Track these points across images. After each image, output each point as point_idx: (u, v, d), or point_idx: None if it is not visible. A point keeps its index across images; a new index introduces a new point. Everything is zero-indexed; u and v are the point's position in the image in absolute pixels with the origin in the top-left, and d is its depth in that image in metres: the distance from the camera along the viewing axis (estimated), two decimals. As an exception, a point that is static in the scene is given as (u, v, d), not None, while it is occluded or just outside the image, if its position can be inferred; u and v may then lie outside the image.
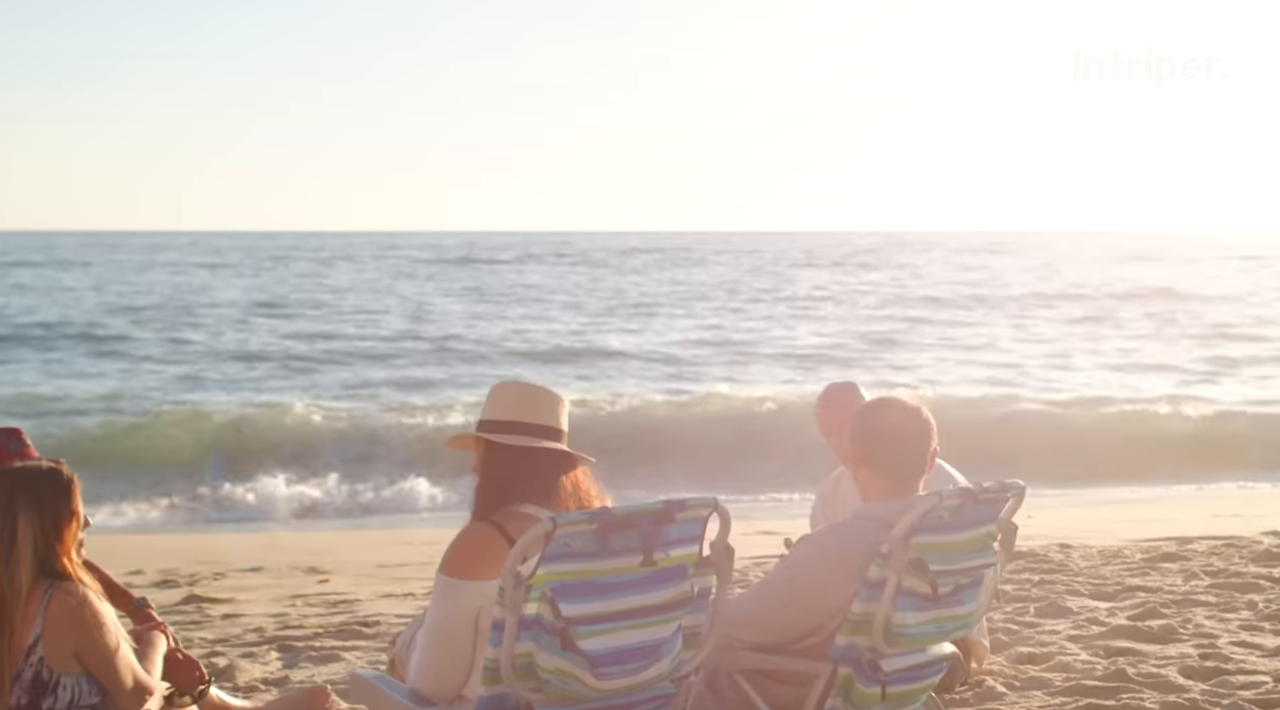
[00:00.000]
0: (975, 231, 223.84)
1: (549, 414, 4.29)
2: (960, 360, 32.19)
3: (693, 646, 4.19)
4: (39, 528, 4.37)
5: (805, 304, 49.48)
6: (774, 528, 11.96)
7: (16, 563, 4.32)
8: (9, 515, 4.35)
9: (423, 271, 70.49)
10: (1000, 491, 4.68)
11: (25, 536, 4.34)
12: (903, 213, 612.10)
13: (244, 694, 6.22)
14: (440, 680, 4.18)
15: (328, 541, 13.26)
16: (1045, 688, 5.93)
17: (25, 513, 4.36)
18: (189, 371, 29.03)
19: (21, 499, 4.37)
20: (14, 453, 4.95)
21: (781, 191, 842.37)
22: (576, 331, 38.81)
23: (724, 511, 4.11)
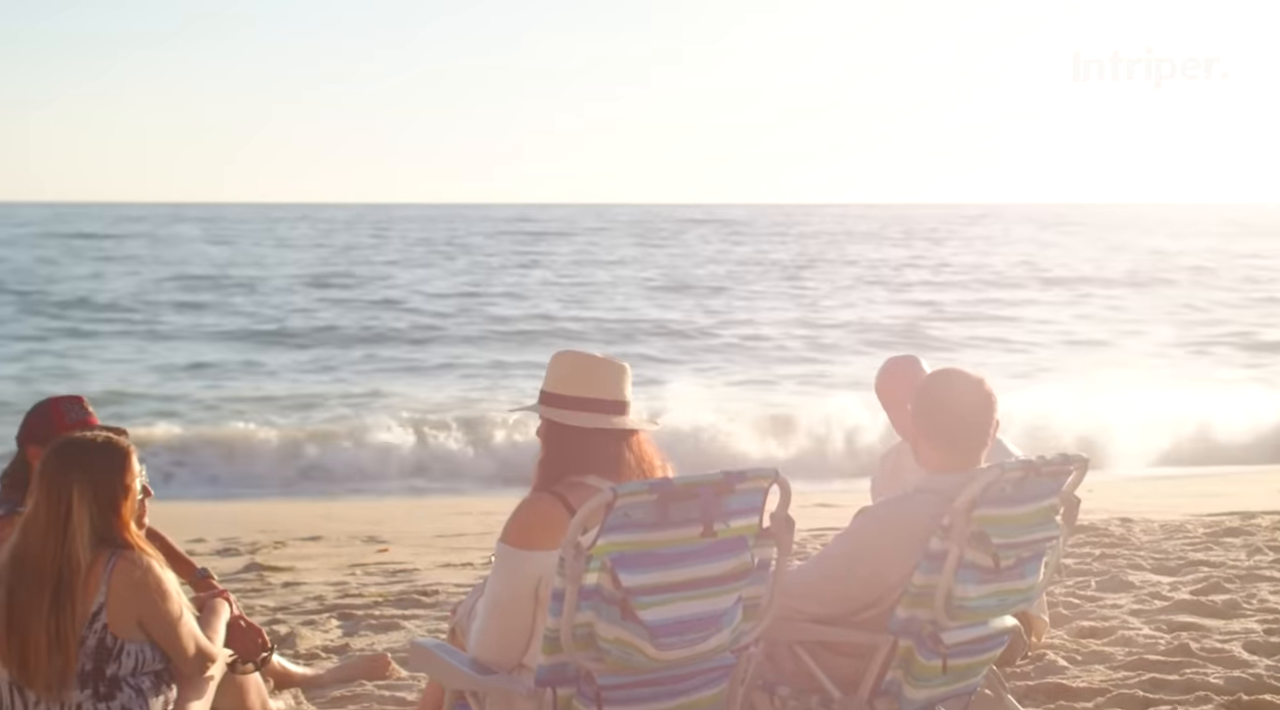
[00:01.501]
0: (1005, 204, 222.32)
1: (612, 387, 4.26)
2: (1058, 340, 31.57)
3: (753, 618, 4.18)
4: (94, 502, 4.40)
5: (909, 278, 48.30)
6: (833, 501, 11.94)
7: (73, 538, 4.35)
8: (64, 491, 4.37)
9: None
10: (1063, 464, 4.64)
11: (80, 511, 4.37)
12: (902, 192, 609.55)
13: (305, 661, 6.27)
14: (501, 649, 4.19)
15: (385, 511, 13.34)
16: (1107, 662, 5.89)
17: (80, 487, 4.38)
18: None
19: (75, 474, 4.39)
20: (75, 421, 4.96)
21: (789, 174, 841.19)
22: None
23: (784, 482, 4.10)
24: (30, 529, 4.39)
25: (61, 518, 4.36)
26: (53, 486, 4.38)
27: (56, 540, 4.35)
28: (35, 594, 4.32)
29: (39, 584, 4.32)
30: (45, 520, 4.36)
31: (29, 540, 4.37)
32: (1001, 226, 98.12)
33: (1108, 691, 5.38)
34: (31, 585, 4.33)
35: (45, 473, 4.42)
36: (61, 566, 4.33)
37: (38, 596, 4.32)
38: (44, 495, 4.38)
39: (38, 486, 4.41)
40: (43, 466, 4.44)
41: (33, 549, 4.35)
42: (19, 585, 4.35)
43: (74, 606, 4.32)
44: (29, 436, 4.97)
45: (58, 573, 4.33)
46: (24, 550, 4.37)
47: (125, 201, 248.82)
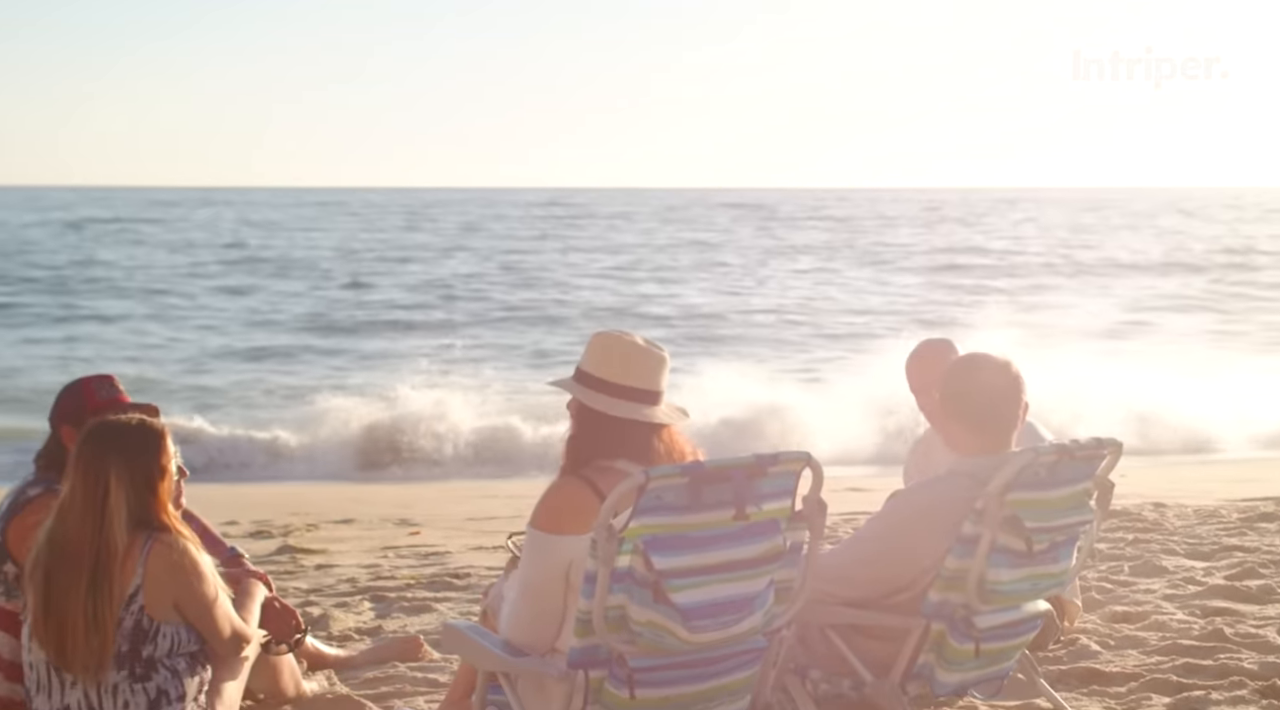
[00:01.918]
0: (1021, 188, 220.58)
1: (650, 377, 4.24)
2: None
3: (785, 601, 4.18)
4: (130, 485, 4.42)
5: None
6: (864, 485, 11.92)
7: (110, 521, 4.38)
8: (101, 475, 4.40)
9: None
10: (1097, 448, 4.62)
11: (118, 495, 4.39)
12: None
13: (338, 643, 6.30)
14: (532, 632, 4.19)
15: (416, 494, 13.37)
16: (1140, 646, 5.87)
17: (116, 471, 4.40)
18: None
19: (112, 458, 4.41)
20: (105, 399, 4.97)
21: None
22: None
23: (816, 466, 4.09)
24: (67, 512, 4.41)
25: (99, 501, 4.38)
26: (90, 470, 4.40)
27: (94, 523, 4.37)
28: (73, 576, 4.35)
29: (76, 567, 4.35)
30: (82, 503, 4.39)
31: (66, 523, 4.40)
32: (1036, 210, 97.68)
33: (1141, 676, 5.36)
34: (69, 568, 4.36)
35: (82, 456, 4.44)
36: (99, 549, 4.36)
37: (75, 579, 4.34)
38: (80, 479, 4.41)
39: (74, 470, 4.44)
40: (79, 450, 4.46)
41: (70, 532, 4.38)
42: (56, 568, 4.38)
43: (111, 588, 4.34)
44: (62, 416, 4.99)
45: (95, 555, 4.35)
46: (61, 533, 4.40)
47: (155, 186, 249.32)
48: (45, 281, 38.77)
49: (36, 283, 38.38)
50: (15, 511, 4.91)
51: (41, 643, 4.41)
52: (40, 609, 4.40)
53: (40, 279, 39.52)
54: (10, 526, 4.88)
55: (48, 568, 4.39)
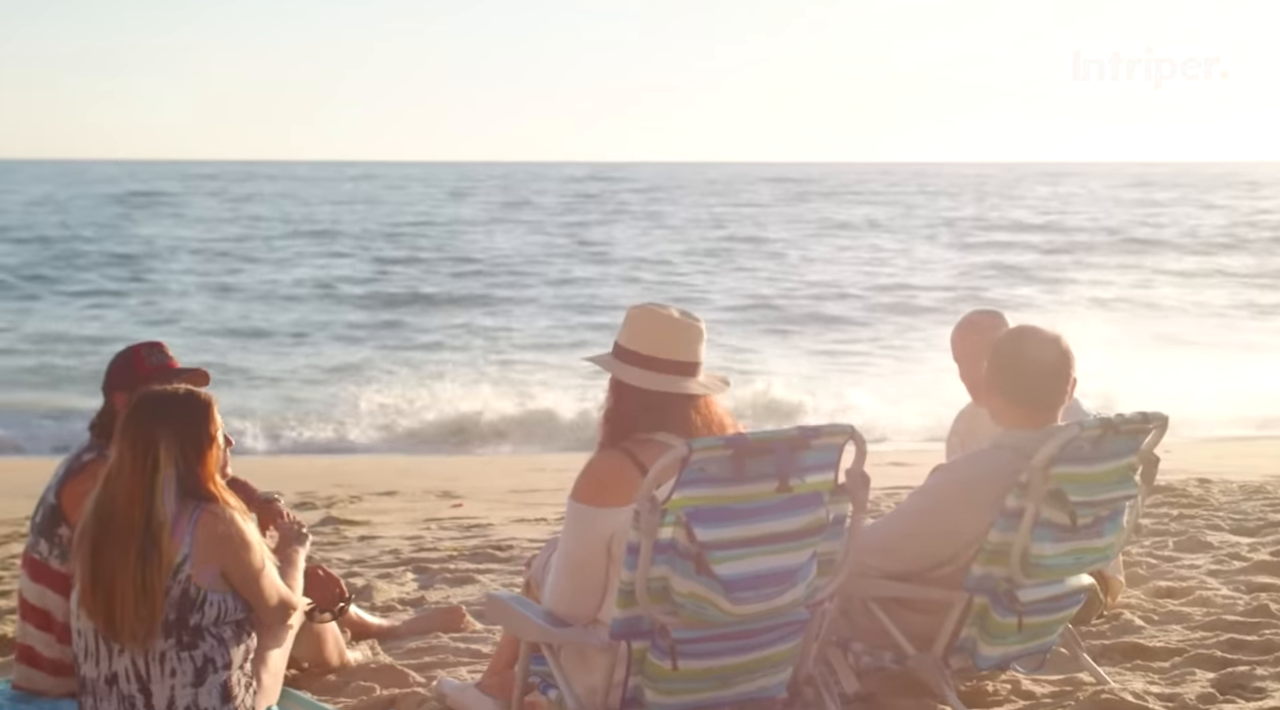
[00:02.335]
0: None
1: (686, 348, 4.25)
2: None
3: (827, 573, 4.19)
4: (180, 454, 4.45)
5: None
6: (907, 459, 11.89)
7: (159, 491, 4.41)
8: (150, 444, 4.43)
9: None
10: (1142, 422, 4.60)
11: (166, 465, 4.42)
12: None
13: (381, 613, 6.34)
14: (575, 603, 4.21)
15: (459, 467, 13.42)
16: (1185, 622, 5.84)
17: (165, 440, 4.43)
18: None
19: (160, 427, 4.44)
20: (155, 365, 5.01)
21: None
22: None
23: (860, 439, 4.09)
24: (115, 482, 4.45)
25: (147, 471, 4.41)
26: (138, 440, 4.44)
27: (143, 493, 4.41)
28: (122, 546, 4.38)
29: (126, 536, 4.39)
30: (130, 474, 4.42)
31: (114, 494, 4.43)
32: (1080, 184, 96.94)
33: (1185, 651, 5.34)
34: (117, 537, 4.39)
35: (130, 426, 4.47)
36: (148, 519, 4.39)
37: (124, 549, 4.38)
38: (129, 449, 4.44)
39: (122, 439, 4.47)
40: (127, 420, 4.50)
41: (119, 502, 4.41)
42: (103, 538, 4.41)
43: (160, 557, 4.38)
44: (114, 383, 5.04)
45: (144, 525, 4.39)
46: (108, 503, 4.43)
47: (196, 159, 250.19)
48: (90, 257, 39.03)
49: (82, 258, 38.64)
50: (70, 476, 4.97)
51: (90, 613, 4.45)
52: (88, 579, 4.44)
53: (86, 254, 39.78)
54: (65, 490, 4.94)
55: (95, 538, 4.43)
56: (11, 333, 24.53)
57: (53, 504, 4.96)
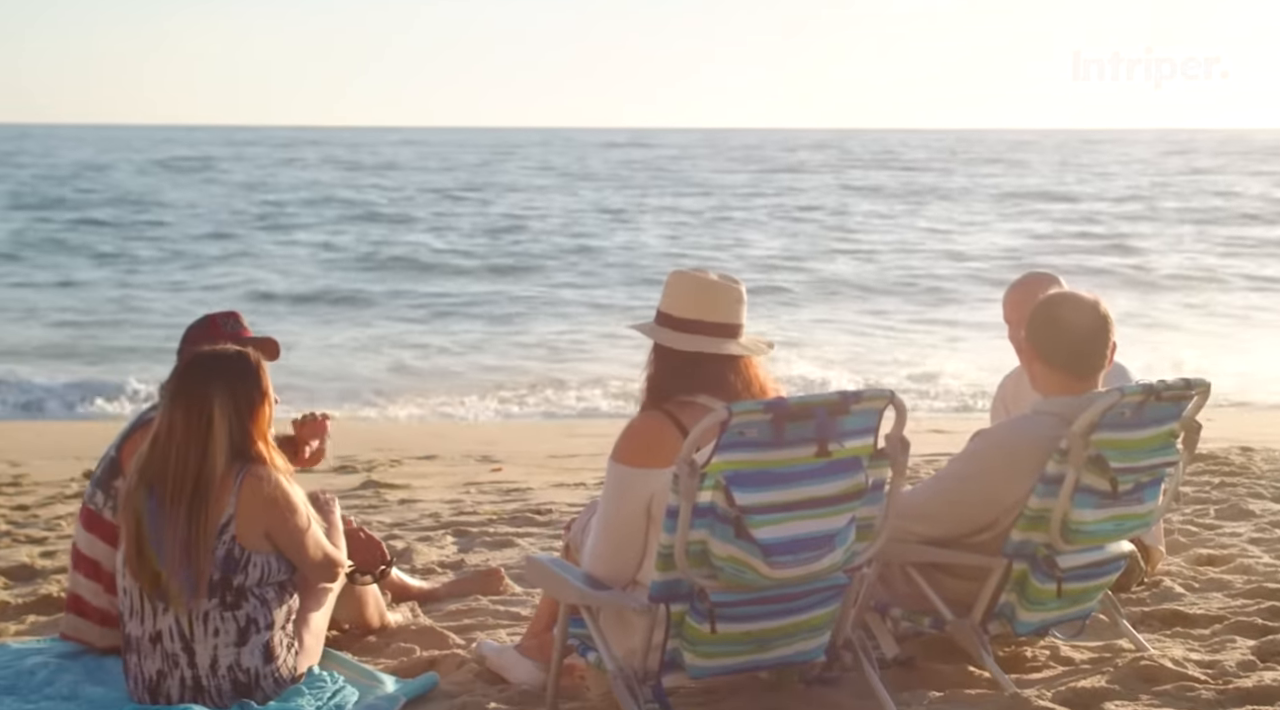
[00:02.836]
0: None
1: (726, 310, 4.26)
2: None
3: (866, 538, 4.19)
4: (234, 412, 4.49)
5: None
6: (947, 426, 11.87)
7: (215, 448, 4.45)
8: (204, 403, 4.47)
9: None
10: (1184, 389, 4.57)
11: (221, 421, 4.47)
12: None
13: (421, 575, 6.37)
14: (614, 565, 4.23)
15: (499, 432, 13.48)
16: (1225, 589, 5.81)
17: (220, 398, 4.48)
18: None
19: (215, 384, 4.49)
20: (229, 333, 5.10)
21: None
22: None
23: (900, 404, 4.08)
24: (165, 442, 4.48)
25: (203, 429, 4.45)
26: (191, 399, 4.47)
27: (198, 451, 4.44)
28: (172, 506, 4.42)
29: (177, 494, 4.42)
30: (184, 433, 4.45)
31: (164, 454, 4.46)
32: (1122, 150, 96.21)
33: (1225, 619, 5.32)
34: (168, 497, 4.43)
35: (182, 386, 4.51)
36: (199, 477, 4.43)
37: (174, 508, 4.42)
38: (181, 409, 4.47)
39: (173, 400, 4.50)
40: (179, 381, 4.53)
41: (171, 462, 4.44)
42: (151, 500, 4.45)
43: (208, 517, 4.42)
44: (189, 348, 5.11)
45: (195, 483, 4.43)
46: (157, 463, 4.46)
47: (239, 124, 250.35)
48: (135, 225, 39.23)
49: (126, 228, 38.85)
50: (133, 431, 5.09)
51: (134, 574, 4.50)
52: (134, 541, 4.48)
53: (133, 222, 40.00)
54: (126, 445, 5.06)
55: (140, 500, 4.47)
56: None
57: (113, 457, 5.11)
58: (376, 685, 4.74)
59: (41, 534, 7.53)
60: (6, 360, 18.09)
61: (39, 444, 11.81)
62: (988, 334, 19.93)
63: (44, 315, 22.61)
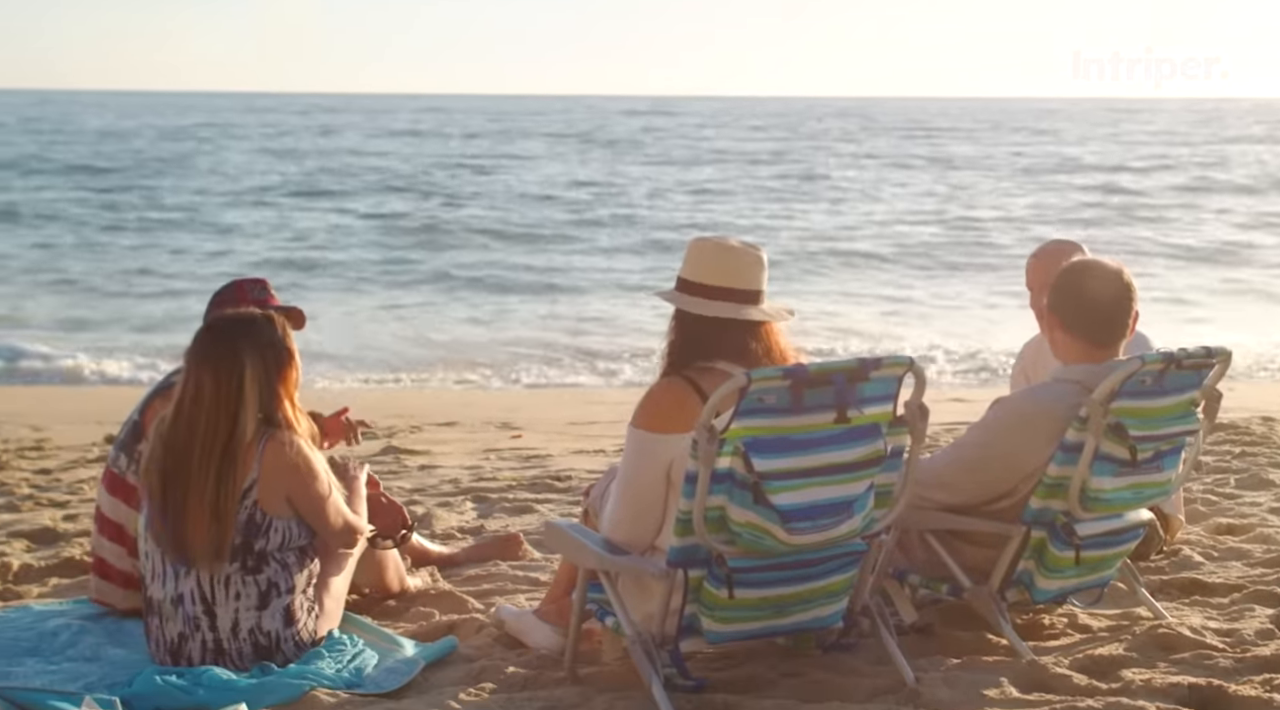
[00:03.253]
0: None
1: (748, 276, 4.25)
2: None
3: (885, 505, 4.19)
4: (263, 375, 4.51)
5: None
6: (967, 395, 11.86)
7: (245, 412, 4.47)
8: (235, 365, 4.48)
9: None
10: (1205, 357, 4.56)
11: (251, 385, 4.48)
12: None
13: (441, 541, 6.40)
14: (633, 531, 4.24)
15: (519, 399, 13.51)
16: (1245, 558, 5.81)
17: (250, 361, 4.49)
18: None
19: (244, 347, 4.50)
20: (256, 300, 5.11)
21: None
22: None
23: (919, 371, 4.08)
24: (193, 406, 4.47)
25: (233, 393, 4.46)
26: (221, 363, 4.47)
27: (228, 415, 4.46)
28: (201, 470, 4.43)
29: (205, 460, 4.44)
30: (214, 396, 4.45)
31: (192, 419, 4.46)
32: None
33: (1244, 588, 5.31)
34: (197, 461, 4.44)
35: (211, 349, 4.50)
36: (230, 440, 4.45)
37: (202, 472, 4.43)
38: (210, 372, 4.47)
39: (200, 364, 4.49)
40: (207, 344, 4.52)
41: (201, 426, 4.45)
42: (177, 465, 4.46)
43: (235, 481, 4.44)
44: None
45: (224, 447, 4.45)
46: (187, 429, 4.46)
47: (257, 91, 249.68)
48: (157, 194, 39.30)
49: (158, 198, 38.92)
50: (155, 395, 5.13)
51: (157, 539, 4.52)
52: (158, 506, 4.50)
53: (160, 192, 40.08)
54: (148, 408, 5.09)
55: (166, 465, 4.49)
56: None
57: (135, 421, 5.16)
58: (396, 649, 4.76)
59: (64, 498, 7.58)
60: (30, 329, 18.14)
61: (61, 408, 11.87)
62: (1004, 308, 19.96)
63: (66, 283, 22.65)
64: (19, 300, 20.68)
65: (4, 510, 7.29)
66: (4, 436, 9.94)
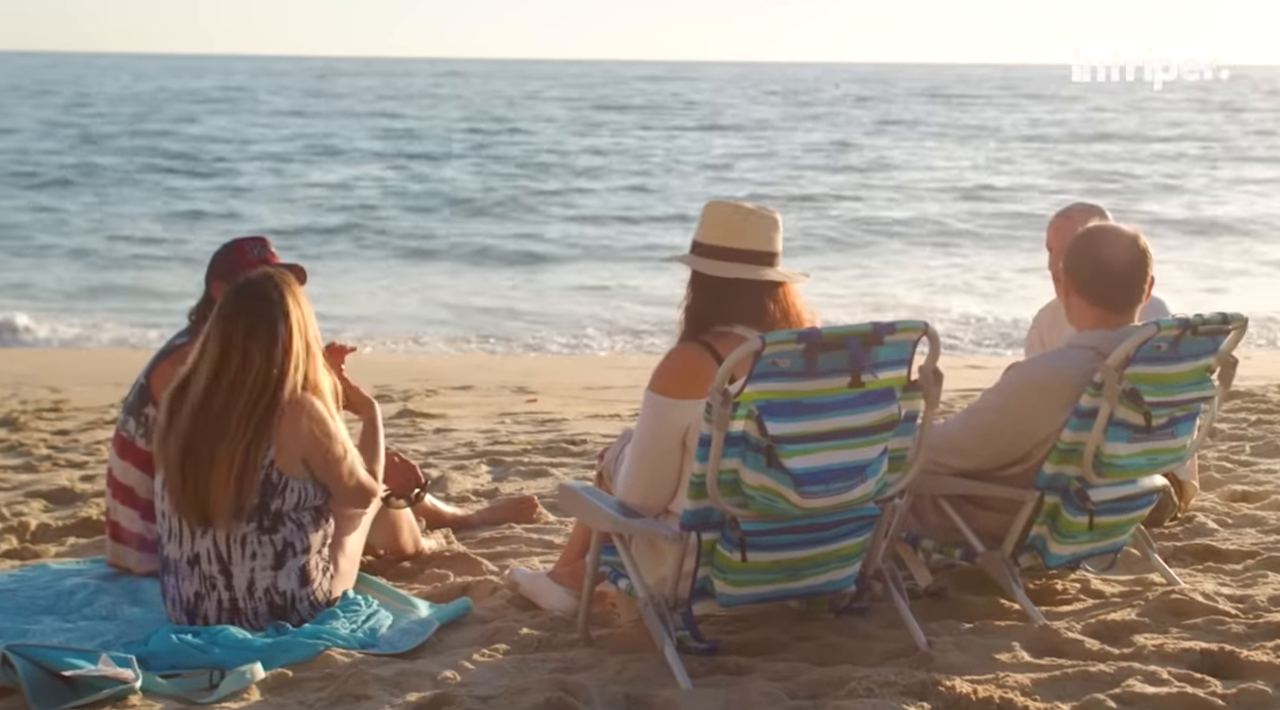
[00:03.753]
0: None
1: (763, 238, 4.25)
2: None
3: (898, 469, 4.20)
4: (299, 338, 4.53)
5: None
6: (983, 362, 11.85)
7: (295, 372, 4.50)
8: (273, 327, 4.48)
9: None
10: (1221, 323, 4.55)
11: (298, 345, 4.50)
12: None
13: (456, 503, 6.42)
14: (647, 494, 4.25)
15: (535, 364, 13.52)
16: (1259, 526, 5.80)
17: (294, 320, 4.51)
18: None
19: (284, 309, 4.50)
20: (257, 259, 5.10)
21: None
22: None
23: (934, 335, 4.08)
24: (241, 369, 4.44)
25: (281, 354, 4.48)
26: (262, 324, 4.48)
27: (279, 375, 4.48)
28: (240, 428, 4.44)
29: (245, 420, 4.45)
30: (264, 358, 4.46)
31: (237, 379, 4.46)
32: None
33: (1258, 555, 5.31)
34: (236, 421, 4.45)
35: (246, 311, 4.49)
36: (274, 401, 4.47)
37: (241, 431, 4.44)
38: (242, 335, 4.46)
39: (247, 326, 4.48)
40: (239, 306, 4.48)
41: (246, 386, 4.45)
42: (211, 427, 4.46)
43: (267, 442, 4.46)
44: (216, 274, 5.15)
45: (268, 407, 4.47)
46: (232, 389, 4.46)
47: (273, 54, 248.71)
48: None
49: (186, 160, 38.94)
50: (161, 358, 5.14)
51: (178, 506, 4.53)
52: (178, 473, 4.51)
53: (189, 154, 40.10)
54: (155, 372, 5.11)
55: (192, 429, 4.48)
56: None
57: (143, 384, 5.17)
58: (410, 610, 4.79)
59: (81, 458, 7.62)
60: (44, 299, 18.16)
61: (79, 370, 11.92)
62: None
63: (85, 250, 22.65)
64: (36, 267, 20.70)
65: (22, 470, 7.33)
66: (22, 398, 9.99)
